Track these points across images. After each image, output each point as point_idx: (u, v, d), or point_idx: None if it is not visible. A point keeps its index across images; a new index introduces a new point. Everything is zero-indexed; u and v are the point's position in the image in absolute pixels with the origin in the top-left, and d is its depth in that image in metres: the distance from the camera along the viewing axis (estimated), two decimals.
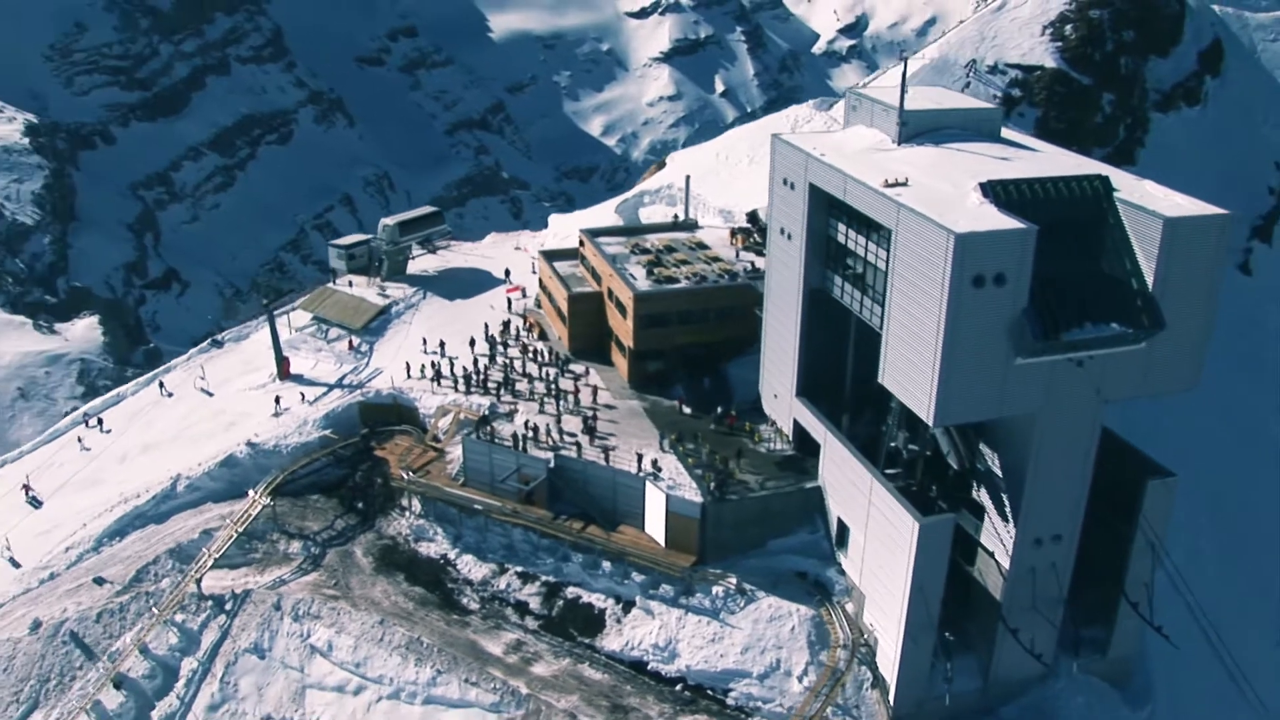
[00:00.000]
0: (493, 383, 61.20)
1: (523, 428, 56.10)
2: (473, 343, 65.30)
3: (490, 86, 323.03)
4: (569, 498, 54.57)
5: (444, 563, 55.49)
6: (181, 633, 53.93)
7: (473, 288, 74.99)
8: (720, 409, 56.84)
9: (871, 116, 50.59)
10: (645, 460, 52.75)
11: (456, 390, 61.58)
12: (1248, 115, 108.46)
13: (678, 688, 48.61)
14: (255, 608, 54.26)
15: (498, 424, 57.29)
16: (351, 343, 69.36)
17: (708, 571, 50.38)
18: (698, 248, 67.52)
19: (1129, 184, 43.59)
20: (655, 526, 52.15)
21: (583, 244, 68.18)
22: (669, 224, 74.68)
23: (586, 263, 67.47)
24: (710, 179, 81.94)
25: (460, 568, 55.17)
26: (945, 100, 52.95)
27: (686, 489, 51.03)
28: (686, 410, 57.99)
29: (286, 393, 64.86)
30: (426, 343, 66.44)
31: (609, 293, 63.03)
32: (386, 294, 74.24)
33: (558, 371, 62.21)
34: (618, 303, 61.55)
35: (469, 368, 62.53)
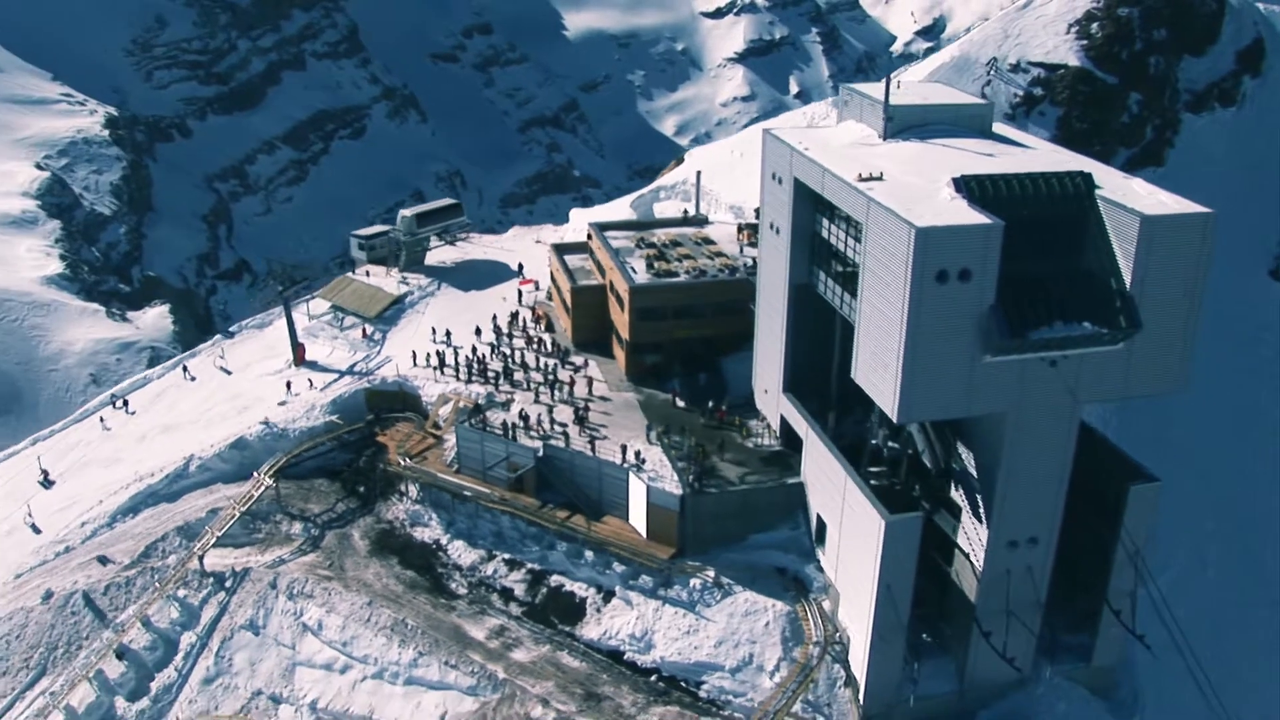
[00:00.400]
0: (492, 372, 61.89)
1: (515, 416, 56.70)
2: (478, 332, 66.09)
3: (564, 85, 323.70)
4: (558, 487, 54.99)
5: (436, 548, 56.37)
6: (183, 607, 55.66)
7: (488, 279, 75.84)
8: (711, 403, 56.79)
9: (861, 112, 50.07)
10: (630, 451, 52.95)
11: (458, 379, 62.44)
12: None
13: (652, 678, 48.78)
14: (253, 585, 55.74)
15: (491, 413, 57.98)
16: (365, 331, 70.66)
17: (686, 564, 50.38)
18: (703, 243, 67.45)
19: (1115, 182, 42.58)
20: (637, 517, 52.36)
21: (590, 237, 68.63)
22: (678, 219, 74.68)
23: (594, 256, 67.87)
24: (725, 175, 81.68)
25: (451, 553, 55.98)
26: (936, 96, 52.11)
27: (667, 481, 51.11)
28: (681, 404, 58.05)
29: (297, 379, 66.37)
30: (435, 332, 67.43)
31: (610, 285, 63.33)
32: (407, 282, 75.48)
33: (557, 363, 62.69)
34: (617, 295, 61.79)
35: (470, 357, 63.30)
